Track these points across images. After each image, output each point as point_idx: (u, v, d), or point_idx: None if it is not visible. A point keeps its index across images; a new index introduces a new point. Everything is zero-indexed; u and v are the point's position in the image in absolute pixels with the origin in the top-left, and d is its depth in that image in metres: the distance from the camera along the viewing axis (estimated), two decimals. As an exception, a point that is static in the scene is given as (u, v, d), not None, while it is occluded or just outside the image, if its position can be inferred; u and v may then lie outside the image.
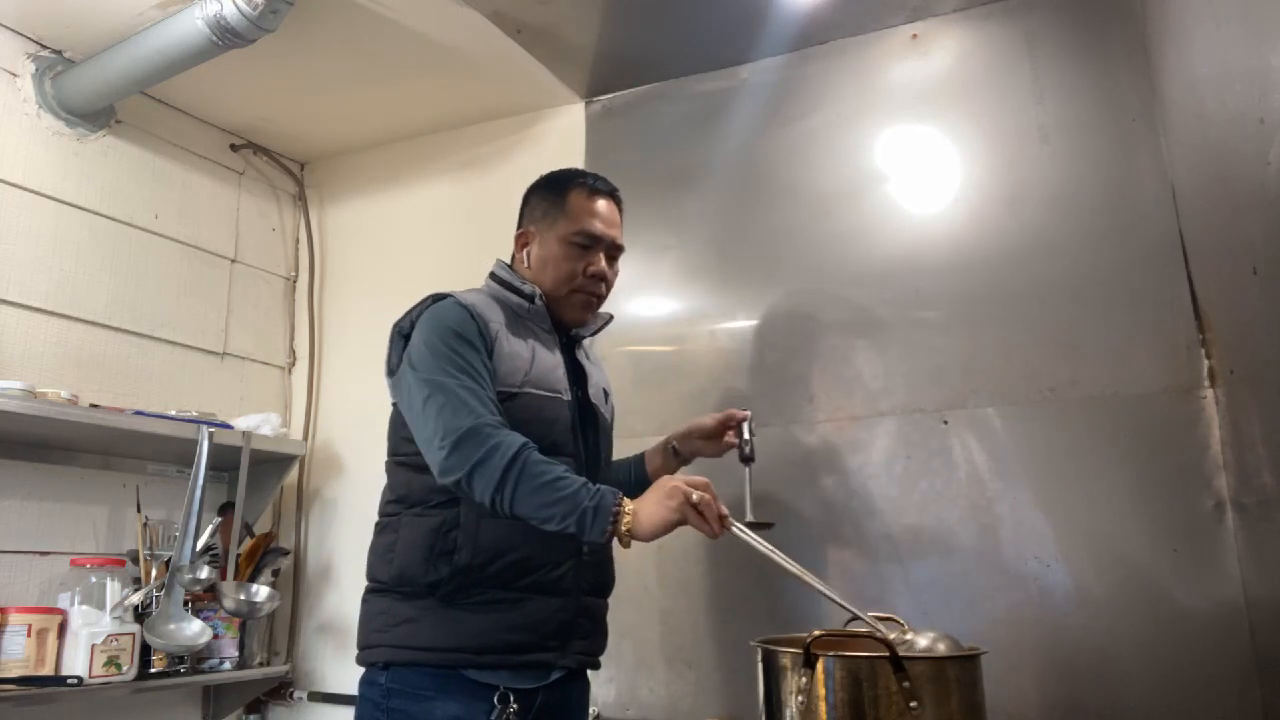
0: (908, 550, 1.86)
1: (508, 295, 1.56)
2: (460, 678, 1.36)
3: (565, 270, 1.56)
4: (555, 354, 1.54)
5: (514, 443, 1.32)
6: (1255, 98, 1.22)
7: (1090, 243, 1.83)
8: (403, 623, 1.39)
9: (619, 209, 1.63)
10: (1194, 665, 1.61)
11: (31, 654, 1.85)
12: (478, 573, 1.38)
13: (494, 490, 1.30)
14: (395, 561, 1.42)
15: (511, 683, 1.38)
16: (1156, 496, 1.69)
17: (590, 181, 1.61)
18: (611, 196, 1.62)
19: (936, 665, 1.23)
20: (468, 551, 1.38)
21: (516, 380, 1.45)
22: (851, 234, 2.06)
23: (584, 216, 1.57)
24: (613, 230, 1.59)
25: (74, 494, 2.16)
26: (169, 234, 2.45)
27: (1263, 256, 1.28)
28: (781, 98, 2.21)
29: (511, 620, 1.38)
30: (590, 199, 1.59)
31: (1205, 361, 1.70)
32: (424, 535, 1.41)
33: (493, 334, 1.46)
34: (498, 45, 2.19)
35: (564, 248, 1.56)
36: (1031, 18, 1.98)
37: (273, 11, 1.90)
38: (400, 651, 1.39)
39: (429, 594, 1.38)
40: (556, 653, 1.42)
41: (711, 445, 1.72)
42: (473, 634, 1.37)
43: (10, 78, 2.14)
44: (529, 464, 1.31)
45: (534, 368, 1.48)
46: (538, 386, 1.47)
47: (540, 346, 1.52)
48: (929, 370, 1.92)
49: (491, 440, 1.32)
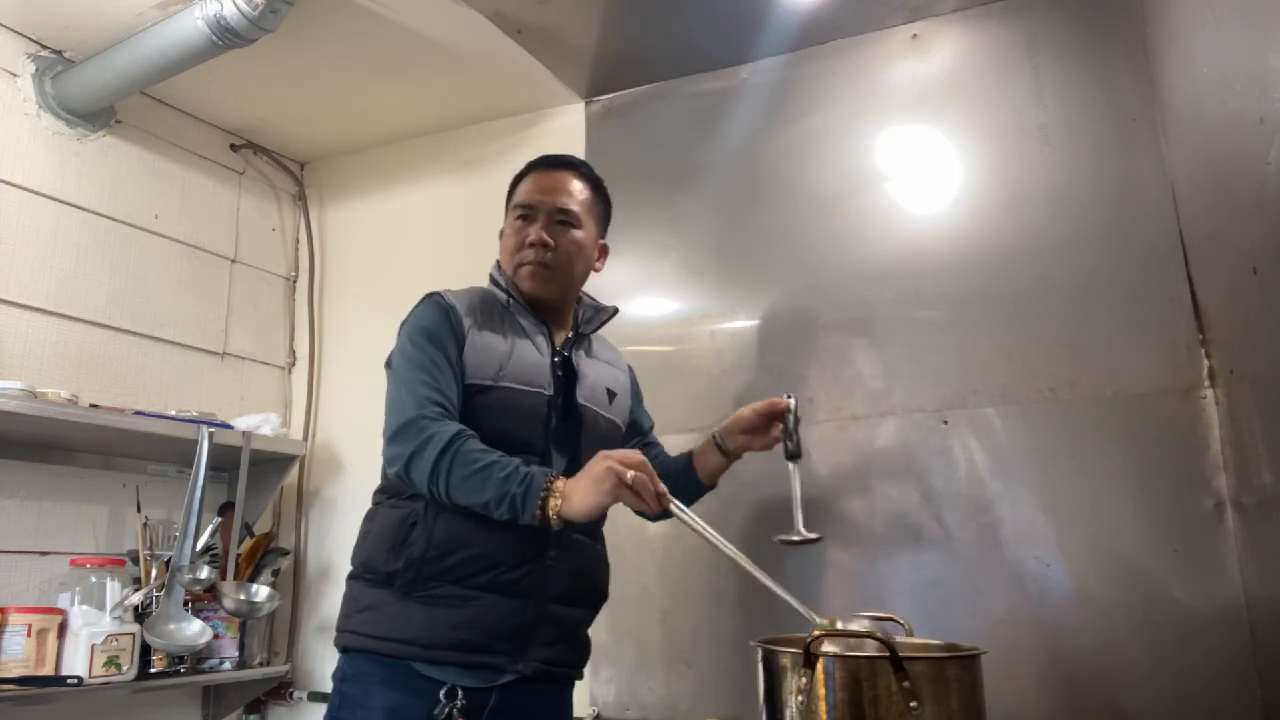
0: (908, 550, 1.86)
1: (495, 292, 1.57)
2: (408, 669, 1.36)
3: (509, 246, 1.57)
4: (541, 349, 1.51)
5: (448, 431, 1.32)
6: (1255, 98, 1.22)
7: (1090, 243, 1.83)
8: (364, 609, 1.40)
9: (576, 175, 1.59)
10: (1194, 665, 1.61)
11: (31, 654, 1.85)
12: (430, 566, 1.37)
13: (429, 479, 1.31)
14: (365, 549, 1.45)
15: (461, 680, 1.36)
16: (1156, 496, 1.69)
17: (545, 157, 1.61)
18: (558, 165, 1.60)
19: (936, 665, 1.23)
20: (422, 544, 1.37)
21: (490, 373, 1.43)
22: (851, 234, 2.06)
23: (522, 191, 1.58)
24: (550, 195, 1.55)
25: (74, 494, 2.16)
26: (169, 234, 2.45)
27: (1263, 256, 1.28)
28: (781, 98, 2.21)
29: (461, 617, 1.36)
30: (531, 174, 1.59)
31: (1205, 361, 1.70)
32: (391, 526, 1.41)
33: (465, 329, 1.45)
34: (498, 45, 2.19)
35: (509, 225, 1.59)
36: (1031, 18, 1.98)
37: (272, 11, 1.90)
38: (357, 638, 1.39)
39: (388, 584, 1.39)
40: (508, 656, 1.39)
41: (758, 439, 1.60)
42: (423, 627, 1.36)
43: (10, 78, 2.14)
44: (461, 451, 1.31)
45: (511, 361, 1.46)
46: (515, 381, 1.45)
47: (523, 342, 1.50)
48: (929, 370, 1.92)
49: (427, 431, 1.33)
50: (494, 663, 1.38)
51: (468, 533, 1.37)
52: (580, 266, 1.59)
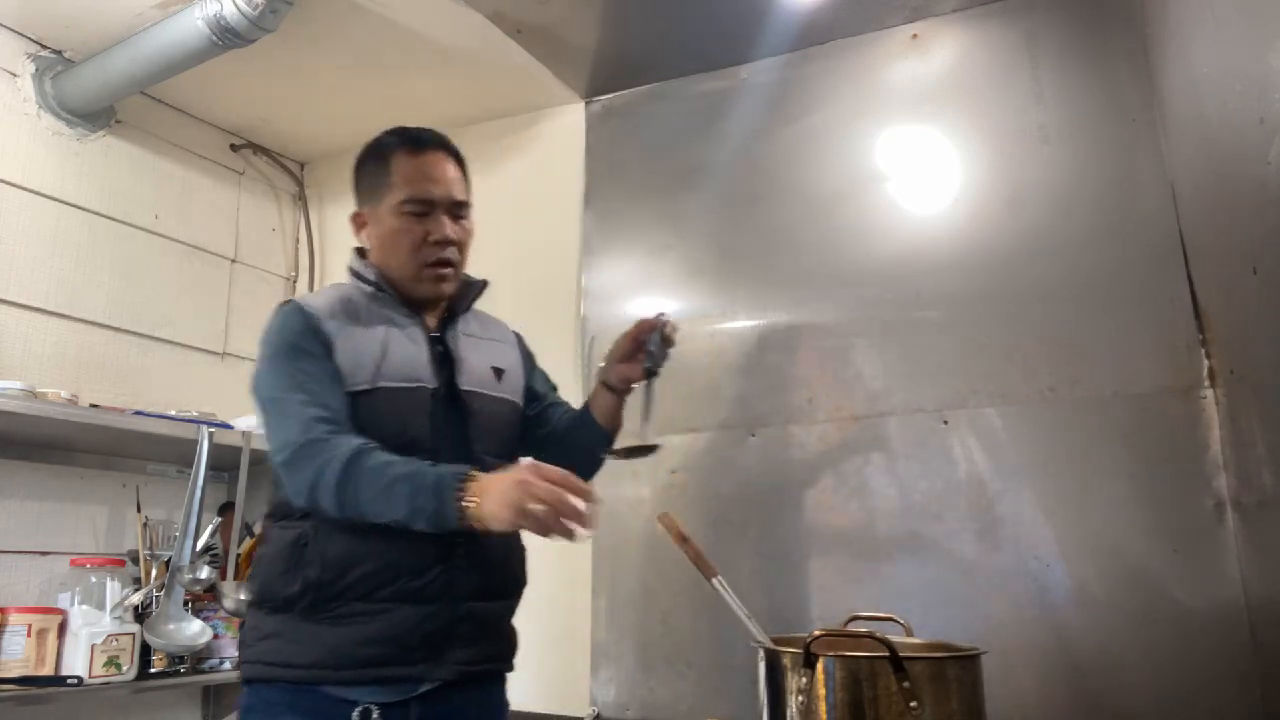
0: (908, 550, 1.86)
1: (361, 286, 1.46)
2: (317, 693, 1.29)
3: (406, 244, 1.42)
4: (417, 340, 1.42)
5: (344, 452, 1.24)
6: (1255, 98, 1.22)
7: (1090, 243, 1.83)
8: (266, 638, 1.33)
9: (456, 161, 1.49)
10: (1194, 665, 1.61)
11: (31, 654, 1.85)
12: (329, 587, 1.30)
13: (337, 506, 1.25)
14: (259, 575, 1.38)
15: (375, 697, 1.29)
16: (1156, 496, 1.69)
17: (413, 137, 1.47)
18: (441, 148, 1.48)
19: (936, 665, 1.23)
20: (316, 566, 1.30)
21: (366, 376, 1.35)
22: (851, 234, 2.06)
23: (412, 180, 1.43)
24: (448, 188, 1.45)
25: (74, 494, 2.16)
26: (169, 234, 2.45)
27: (1263, 256, 1.28)
28: (781, 98, 2.21)
29: (369, 633, 1.29)
30: (415, 158, 1.45)
31: (1205, 361, 1.70)
32: (283, 549, 1.33)
33: (330, 334, 1.36)
34: (498, 45, 2.19)
35: (399, 220, 1.43)
36: (1031, 18, 1.98)
37: (272, 11, 1.90)
38: (261, 668, 1.32)
39: (288, 609, 1.31)
40: (425, 665, 1.31)
41: (635, 367, 1.51)
42: (330, 648, 1.29)
43: (10, 78, 2.14)
44: (363, 471, 1.23)
45: (387, 359, 1.37)
46: (393, 379, 1.36)
47: (397, 334, 1.41)
48: (929, 370, 1.92)
49: (322, 455, 1.25)
50: (409, 674, 1.31)
51: (363, 547, 1.30)
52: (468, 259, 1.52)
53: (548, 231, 2.45)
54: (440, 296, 1.47)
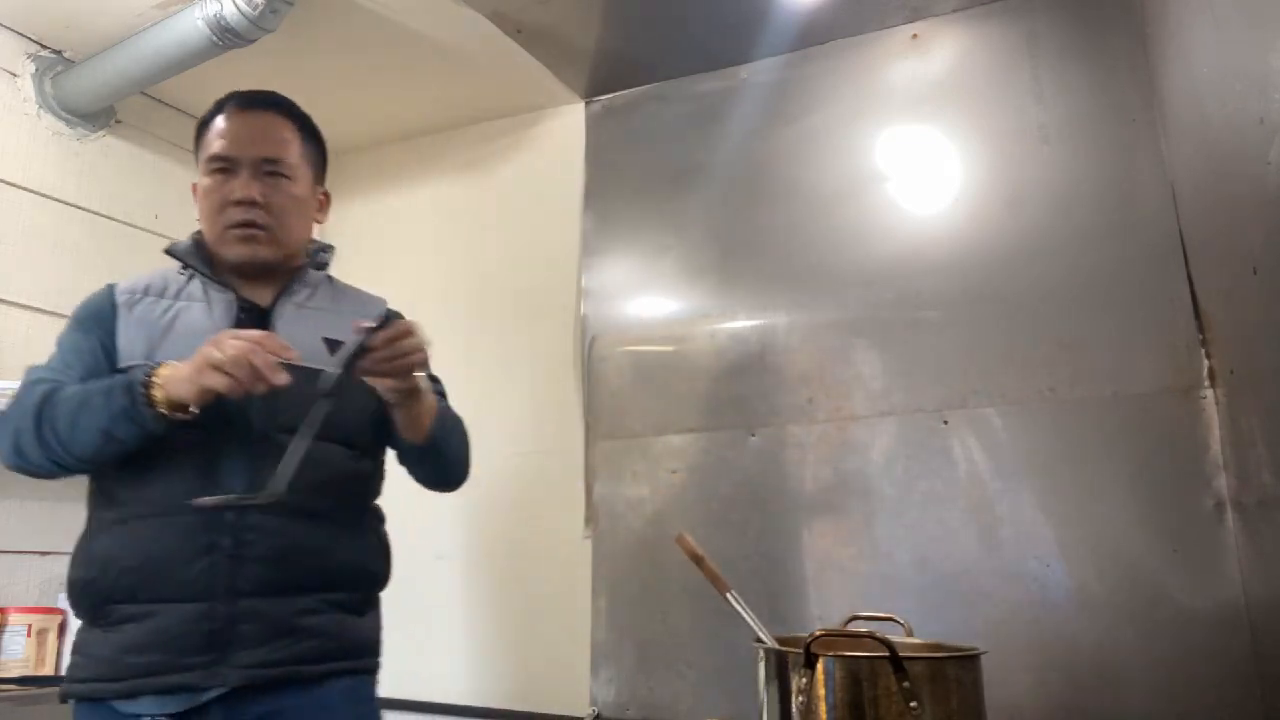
0: (908, 550, 1.86)
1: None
2: (107, 710, 1.20)
3: (208, 206, 1.34)
4: (217, 314, 1.32)
5: (37, 394, 1.20)
6: (1255, 98, 1.22)
7: (1090, 243, 1.83)
8: (73, 654, 1.25)
9: (281, 114, 1.40)
10: (1194, 665, 1.61)
11: (31, 654, 1.85)
12: (95, 588, 1.21)
13: (40, 447, 1.18)
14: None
15: (160, 709, 1.18)
16: (1156, 496, 1.69)
17: (236, 96, 1.39)
18: (263, 106, 1.38)
19: (936, 665, 1.23)
20: (82, 565, 1.23)
21: (139, 352, 1.26)
22: (851, 234, 2.06)
23: (215, 140, 1.34)
24: (254, 145, 1.34)
25: (74, 494, 2.15)
26: (169, 234, 2.44)
27: (1263, 256, 1.28)
28: (781, 98, 2.21)
29: (142, 637, 1.19)
30: (232, 117, 1.36)
31: (1205, 361, 1.70)
32: (75, 550, 1.27)
33: (116, 312, 1.30)
34: (498, 45, 2.19)
35: (205, 182, 1.35)
36: (1031, 18, 1.98)
37: (273, 11, 1.90)
38: (67, 686, 1.24)
39: (80, 618, 1.25)
40: (201, 671, 1.18)
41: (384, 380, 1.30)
42: (108, 660, 1.19)
43: (10, 78, 2.14)
44: (55, 402, 1.18)
45: (169, 336, 1.28)
46: (172, 355, 1.23)
47: (196, 308, 1.32)
48: (929, 370, 1.92)
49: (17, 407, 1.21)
50: (188, 681, 1.18)
51: (123, 540, 1.22)
52: (298, 224, 1.40)
53: (548, 231, 2.45)
54: (250, 261, 1.34)
